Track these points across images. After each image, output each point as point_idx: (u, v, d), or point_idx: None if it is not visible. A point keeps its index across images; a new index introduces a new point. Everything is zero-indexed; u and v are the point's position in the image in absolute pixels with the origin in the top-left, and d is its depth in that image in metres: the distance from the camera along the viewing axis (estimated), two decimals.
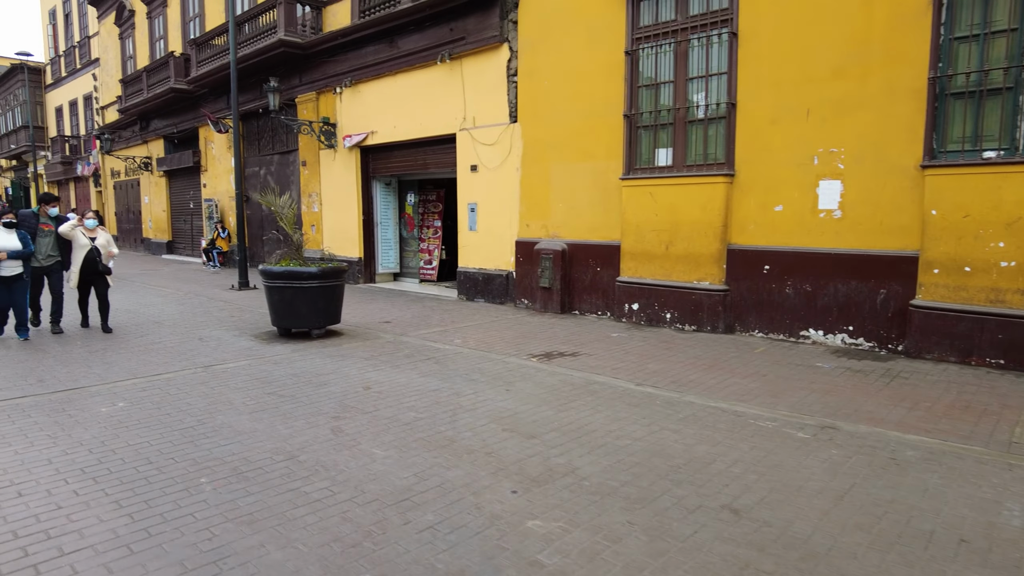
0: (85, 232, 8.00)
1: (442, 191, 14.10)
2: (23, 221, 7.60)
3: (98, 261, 8.03)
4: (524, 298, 10.24)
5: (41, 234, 7.84)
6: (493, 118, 10.56)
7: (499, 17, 10.23)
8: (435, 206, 14.11)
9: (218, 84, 16.98)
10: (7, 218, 7.33)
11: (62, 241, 7.99)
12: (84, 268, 7.95)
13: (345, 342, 7.51)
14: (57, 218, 8.15)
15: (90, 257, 7.97)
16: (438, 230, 14.00)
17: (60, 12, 30.17)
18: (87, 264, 7.96)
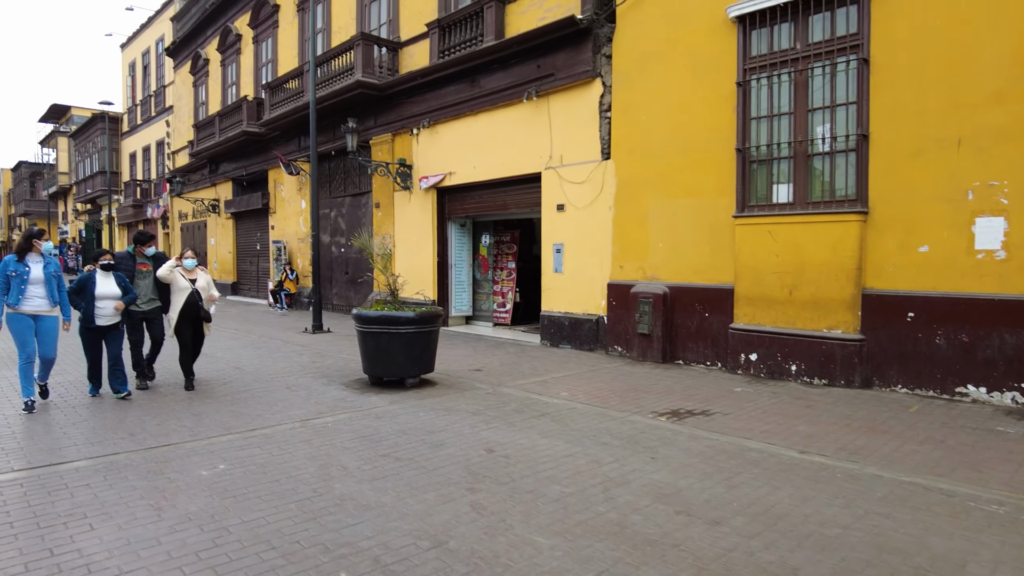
0: (184, 273, 7.25)
1: (517, 232, 13.64)
2: (119, 263, 6.94)
3: (199, 306, 7.24)
4: (618, 345, 9.53)
5: (139, 275, 7.19)
6: (583, 155, 10.07)
7: (591, 52, 9.81)
8: (509, 247, 13.62)
9: (290, 127, 17.10)
10: (105, 259, 6.59)
11: (160, 284, 7.32)
12: (184, 313, 7.14)
13: (442, 393, 6.91)
14: (155, 257, 7.43)
15: (191, 301, 7.14)
16: (512, 272, 13.47)
17: (139, 64, 31.52)
18: (187, 309, 7.15)
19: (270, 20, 19.20)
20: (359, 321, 7.22)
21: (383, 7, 14.69)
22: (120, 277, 6.70)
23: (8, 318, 6.01)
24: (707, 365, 8.56)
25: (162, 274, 7.11)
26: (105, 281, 6.55)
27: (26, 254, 6.13)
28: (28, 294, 6.05)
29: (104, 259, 6.63)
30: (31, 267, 6.11)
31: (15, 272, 6.00)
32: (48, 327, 6.22)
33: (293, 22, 18.00)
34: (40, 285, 6.13)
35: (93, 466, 4.58)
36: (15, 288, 5.98)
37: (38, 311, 6.11)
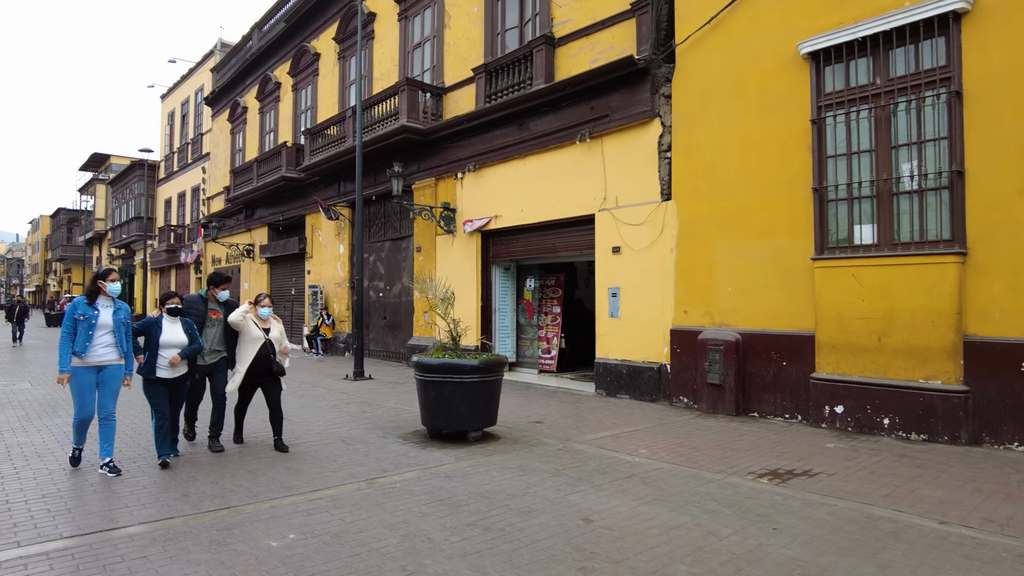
0: (258, 322, 6.43)
1: (562, 276, 13.25)
2: (189, 308, 6.18)
3: (272, 359, 6.43)
4: (683, 396, 8.97)
5: (209, 323, 6.36)
6: (640, 197, 9.71)
7: (649, 92, 9.55)
8: (554, 291, 13.21)
9: (329, 172, 17.07)
10: (173, 303, 5.88)
11: (228, 332, 6.48)
12: (253, 367, 6.32)
13: (509, 448, 6.40)
14: (227, 303, 6.60)
15: (263, 353, 6.34)
16: (557, 317, 13.03)
17: (178, 114, 32.28)
18: (258, 362, 6.32)
19: (310, 68, 19.45)
20: (419, 369, 6.79)
21: (426, 54, 14.72)
22: (188, 324, 5.98)
23: (74, 372, 5.41)
24: (785, 418, 7.95)
25: (234, 320, 6.27)
26: (171, 328, 5.87)
27: (96, 297, 5.56)
28: (95, 341, 5.46)
29: (172, 302, 5.90)
30: (100, 311, 5.54)
31: (83, 316, 5.44)
32: (112, 376, 5.59)
33: (334, 70, 18.19)
34: (108, 332, 5.53)
35: (149, 533, 4.13)
36: (82, 334, 5.39)
37: (104, 360, 5.51)
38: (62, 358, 5.38)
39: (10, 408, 8.81)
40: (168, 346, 5.79)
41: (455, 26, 13.68)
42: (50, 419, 8.00)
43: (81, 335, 5.41)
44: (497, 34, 12.68)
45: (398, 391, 10.61)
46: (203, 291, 6.61)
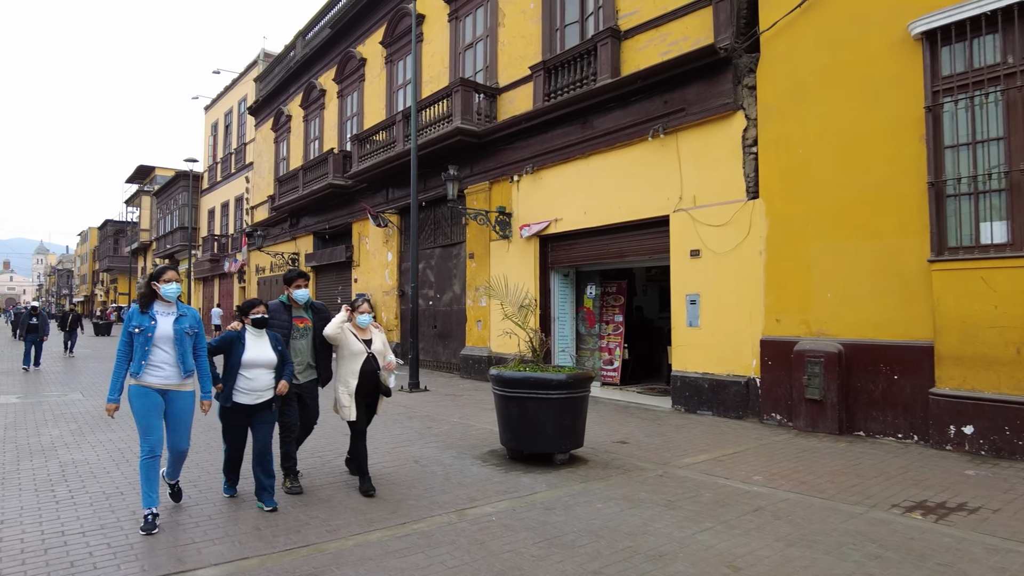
0: (357, 332, 5.32)
1: (624, 282, 12.55)
2: (272, 316, 5.10)
3: (378, 376, 5.29)
4: (776, 412, 8.19)
5: (296, 334, 5.28)
6: (722, 195, 8.99)
7: (732, 83, 8.85)
8: (616, 299, 12.51)
9: (377, 179, 16.68)
10: (258, 312, 4.85)
11: (319, 343, 5.39)
12: (359, 388, 5.21)
13: (604, 474, 5.74)
14: (313, 307, 5.51)
15: (368, 370, 5.20)
16: (619, 326, 12.33)
17: (221, 124, 32.50)
18: (363, 381, 5.19)
19: (356, 74, 19.16)
20: (499, 383, 6.18)
21: (478, 54, 14.23)
22: (276, 339, 4.94)
23: (132, 393, 4.38)
24: (898, 438, 7.12)
25: (331, 333, 5.16)
26: (257, 343, 4.81)
27: (151, 303, 4.46)
28: (153, 359, 4.37)
29: (257, 312, 4.86)
30: (157, 320, 4.43)
31: (139, 328, 4.37)
32: (180, 409, 4.52)
33: (380, 75, 17.85)
34: (168, 346, 4.42)
35: None
36: (139, 350, 4.34)
37: (166, 384, 4.42)
38: (112, 384, 4.35)
39: (63, 421, 8.47)
40: (254, 365, 4.73)
41: (509, 24, 13.16)
42: (103, 434, 7.60)
43: (137, 352, 4.35)
44: (556, 30, 12.11)
45: (459, 404, 10.03)
46: (284, 296, 5.43)
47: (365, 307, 5.46)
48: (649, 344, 13.51)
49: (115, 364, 4.40)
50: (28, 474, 5.75)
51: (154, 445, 4.38)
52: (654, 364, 13.77)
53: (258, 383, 4.78)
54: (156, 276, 4.54)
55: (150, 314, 4.46)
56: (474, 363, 13.42)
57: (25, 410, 9.43)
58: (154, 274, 4.57)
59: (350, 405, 5.17)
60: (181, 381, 4.52)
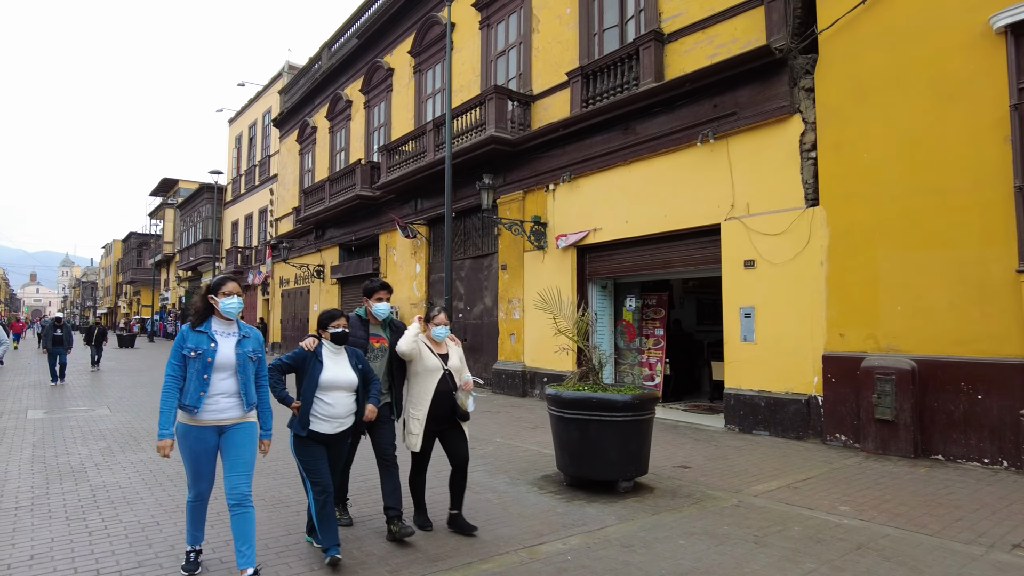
0: (432, 346, 4.64)
1: (665, 294, 12.08)
2: (351, 331, 4.39)
3: (455, 398, 4.59)
4: (840, 433, 7.67)
5: (372, 354, 4.55)
6: (777, 203, 8.53)
7: (788, 85, 8.41)
8: (656, 311, 12.04)
9: (406, 190, 16.41)
10: (338, 326, 4.13)
11: (393, 364, 4.64)
12: (432, 410, 4.48)
13: (675, 504, 5.28)
14: (392, 325, 4.75)
15: (443, 390, 4.50)
16: (660, 340, 11.85)
17: (245, 136, 32.59)
18: (438, 403, 4.48)
19: (383, 84, 18.97)
20: (556, 404, 5.75)
21: (511, 61, 13.93)
22: (358, 356, 4.27)
23: (182, 432, 3.67)
24: (985, 463, 6.58)
25: (405, 349, 4.43)
26: (336, 361, 4.12)
27: (207, 320, 3.75)
28: (213, 389, 3.64)
29: (337, 325, 4.14)
30: (218, 342, 3.70)
31: (195, 351, 3.62)
32: (240, 442, 3.72)
33: (409, 84, 17.63)
34: (230, 374, 3.69)
35: None
36: (193, 379, 3.60)
37: (225, 419, 3.68)
38: (163, 416, 3.58)
39: (92, 439, 8.17)
40: (333, 387, 4.03)
41: (544, 30, 12.84)
42: (134, 453, 7.28)
43: (192, 381, 3.59)
44: (594, 35, 11.77)
45: (497, 422, 9.61)
46: (361, 310, 4.73)
47: (441, 317, 4.66)
48: (689, 359, 13.02)
49: (164, 392, 3.61)
50: (58, 499, 5.41)
51: (203, 492, 3.78)
52: (693, 379, 13.28)
53: (339, 408, 4.04)
54: (215, 288, 3.76)
55: (208, 334, 3.69)
56: (507, 378, 13.00)
57: (53, 426, 9.17)
58: (212, 285, 3.78)
59: (419, 433, 4.44)
60: (243, 414, 3.76)
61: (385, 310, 4.62)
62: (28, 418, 9.94)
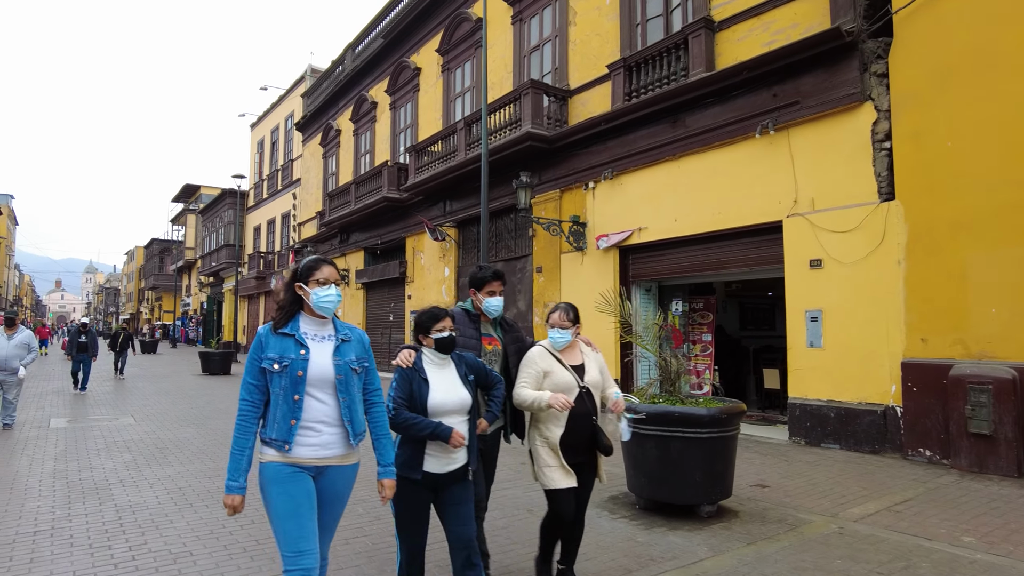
0: (559, 356, 3.57)
1: (712, 297, 11.45)
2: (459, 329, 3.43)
3: (596, 426, 3.53)
4: (924, 447, 7.00)
5: (484, 359, 3.55)
6: (846, 197, 7.89)
7: (858, 71, 7.79)
8: (703, 316, 11.40)
9: (434, 191, 15.93)
10: (442, 329, 3.11)
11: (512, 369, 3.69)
12: (568, 440, 3.42)
13: (768, 531, 4.67)
14: (504, 324, 3.82)
15: (582, 412, 3.46)
16: (708, 346, 11.20)
17: (267, 141, 32.40)
18: (575, 429, 3.44)
19: (410, 84, 18.54)
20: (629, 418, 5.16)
21: (546, 56, 13.40)
22: (476, 363, 3.25)
23: (270, 476, 2.60)
24: None
25: (537, 359, 3.50)
26: (442, 376, 3.11)
27: (293, 318, 2.73)
28: (308, 414, 2.63)
29: (442, 328, 3.11)
30: (310, 348, 2.68)
31: (279, 363, 2.62)
32: (340, 494, 2.77)
33: (436, 84, 17.17)
34: (329, 393, 2.69)
35: None
36: (281, 401, 2.61)
37: (327, 457, 2.67)
38: (233, 460, 2.59)
39: (116, 451, 7.71)
40: (444, 412, 3.00)
41: (581, 22, 12.30)
42: (160, 468, 6.80)
43: (279, 405, 2.61)
44: (636, 25, 11.20)
45: None
46: (466, 303, 3.78)
47: (557, 317, 3.55)
48: (735, 366, 12.36)
49: (237, 424, 2.60)
50: (81, 521, 4.92)
51: (310, 571, 2.52)
52: (739, 388, 12.61)
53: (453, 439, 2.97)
54: (304, 273, 2.72)
55: (297, 337, 2.66)
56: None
57: (76, 436, 8.74)
58: (301, 270, 2.75)
59: (555, 466, 3.38)
60: (347, 451, 2.72)
61: (498, 306, 3.67)
62: (51, 427, 9.55)
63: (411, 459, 2.98)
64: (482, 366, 3.28)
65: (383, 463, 2.81)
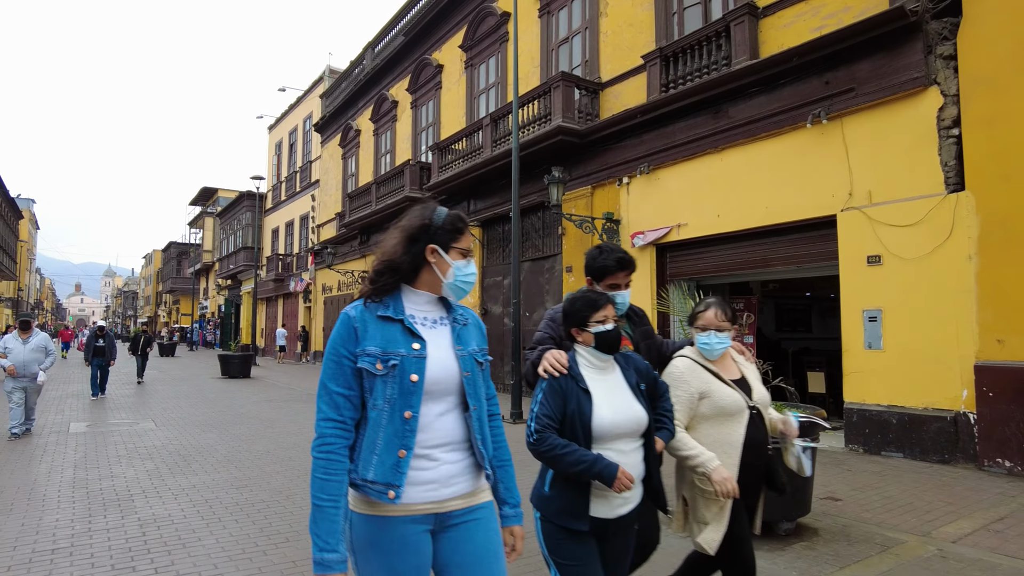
0: (718, 369, 2.76)
1: (753, 298, 10.97)
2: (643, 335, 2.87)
3: (771, 459, 2.80)
4: (1003, 457, 6.47)
5: None
6: (908, 189, 7.39)
7: (921, 53, 7.29)
8: (745, 317, 10.88)
9: (457, 190, 15.54)
10: (604, 318, 2.31)
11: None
12: (743, 481, 2.60)
13: (857, 551, 4.19)
14: (633, 315, 2.93)
15: (755, 441, 2.69)
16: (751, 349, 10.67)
17: (285, 143, 32.24)
18: (749, 463, 2.66)
19: (432, 82, 18.19)
20: None
21: (575, 48, 12.99)
22: (635, 365, 2.43)
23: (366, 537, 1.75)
24: None
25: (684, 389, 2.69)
26: (608, 385, 2.32)
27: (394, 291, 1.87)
28: (425, 438, 1.78)
29: (603, 318, 2.32)
30: (426, 341, 1.81)
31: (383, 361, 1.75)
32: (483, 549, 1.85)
33: (459, 81, 16.80)
34: (452, 404, 1.86)
35: None
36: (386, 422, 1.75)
37: (449, 500, 1.81)
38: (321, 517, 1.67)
39: (138, 459, 7.37)
40: (614, 434, 2.23)
41: (613, 13, 11.87)
42: (184, 477, 6.43)
43: (381, 426, 1.75)
44: (672, 14, 10.75)
45: None
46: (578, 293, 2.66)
47: (712, 316, 2.75)
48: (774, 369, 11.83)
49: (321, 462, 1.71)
50: (102, 537, 4.55)
51: None
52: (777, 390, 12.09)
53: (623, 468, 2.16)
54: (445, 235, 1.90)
55: (405, 322, 1.82)
56: None
57: (96, 441, 8.43)
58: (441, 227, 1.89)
59: (724, 521, 2.57)
60: (476, 485, 1.89)
61: (625, 302, 2.77)
62: (70, 431, 9.25)
63: (574, 503, 2.16)
64: (650, 370, 2.45)
65: (510, 502, 1.97)
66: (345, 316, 1.82)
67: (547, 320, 2.76)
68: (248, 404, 12.58)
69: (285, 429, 9.44)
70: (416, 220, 1.91)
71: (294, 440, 8.48)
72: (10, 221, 38.05)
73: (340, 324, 1.82)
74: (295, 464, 6.99)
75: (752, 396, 2.75)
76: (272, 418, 10.62)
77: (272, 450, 7.82)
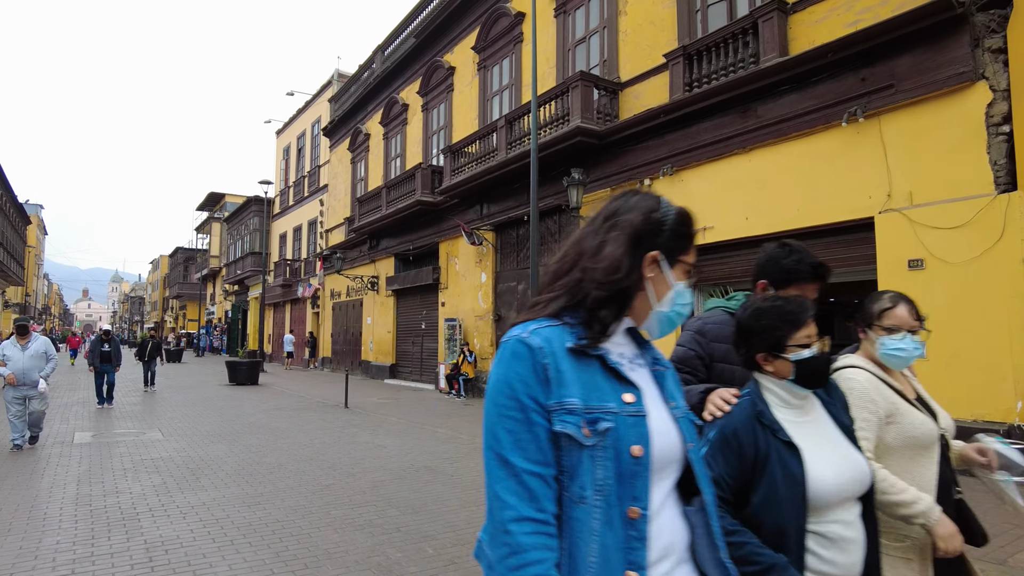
0: (897, 383, 2.15)
1: None
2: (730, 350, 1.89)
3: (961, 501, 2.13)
4: None
5: None
6: (953, 190, 7.02)
7: (968, 47, 6.93)
8: None
9: (470, 194, 15.24)
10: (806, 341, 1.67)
11: None
12: None
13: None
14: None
15: (946, 480, 2.09)
16: None
17: (293, 148, 32.04)
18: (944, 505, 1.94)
19: (443, 85, 17.92)
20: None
21: (592, 48, 12.67)
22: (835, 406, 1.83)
23: None
24: None
25: (870, 411, 2.00)
26: (813, 430, 1.70)
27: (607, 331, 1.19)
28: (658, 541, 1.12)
29: (805, 340, 1.66)
30: (642, 391, 1.17)
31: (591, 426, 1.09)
32: None
33: (472, 83, 16.52)
34: (668, 481, 1.18)
35: None
36: (600, 521, 1.07)
37: None
38: None
39: (144, 472, 7.04)
40: (841, 499, 1.62)
41: (632, 12, 11.56)
42: (193, 493, 6.09)
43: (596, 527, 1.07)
44: (695, 12, 10.43)
45: None
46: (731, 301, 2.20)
47: (905, 312, 2.15)
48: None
49: None
50: (105, 562, 4.21)
51: None
52: None
53: (850, 547, 1.60)
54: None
55: (619, 369, 1.17)
56: None
57: (101, 453, 8.11)
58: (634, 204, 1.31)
59: None
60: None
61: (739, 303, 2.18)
62: (75, 442, 8.93)
63: None
64: (843, 395, 1.93)
65: None
66: (522, 346, 1.13)
67: (691, 333, 2.10)
68: (257, 413, 12.25)
69: (296, 440, 9.10)
70: (638, 215, 1.27)
71: (306, 452, 8.14)
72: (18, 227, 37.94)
73: (514, 358, 1.12)
74: (308, 479, 6.65)
75: (939, 421, 2.14)
76: (282, 428, 10.28)
77: (284, 463, 7.48)
